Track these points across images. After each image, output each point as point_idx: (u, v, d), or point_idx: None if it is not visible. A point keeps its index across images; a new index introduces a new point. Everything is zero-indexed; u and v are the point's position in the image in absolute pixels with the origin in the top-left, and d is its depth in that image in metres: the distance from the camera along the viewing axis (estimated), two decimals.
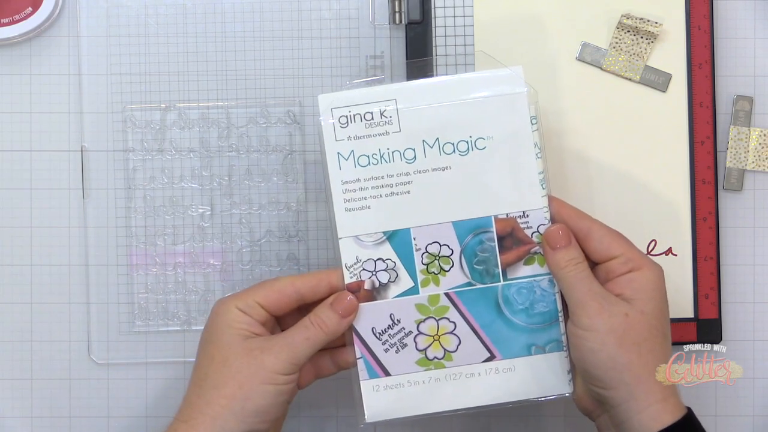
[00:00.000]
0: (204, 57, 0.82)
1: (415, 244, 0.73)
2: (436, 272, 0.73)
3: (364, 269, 0.73)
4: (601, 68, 0.81)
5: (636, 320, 0.69)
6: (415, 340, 0.73)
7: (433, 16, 0.81)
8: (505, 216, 0.72)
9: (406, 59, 0.81)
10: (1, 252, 0.82)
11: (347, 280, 0.72)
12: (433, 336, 0.73)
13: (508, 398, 0.73)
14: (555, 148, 0.80)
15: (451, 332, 0.73)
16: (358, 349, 0.73)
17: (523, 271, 0.73)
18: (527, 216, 0.72)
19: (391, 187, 0.73)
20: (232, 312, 0.70)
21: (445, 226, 0.73)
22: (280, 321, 0.74)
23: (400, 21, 0.81)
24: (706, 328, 0.81)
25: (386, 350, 0.73)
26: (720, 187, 0.82)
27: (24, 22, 0.81)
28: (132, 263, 0.82)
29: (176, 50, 0.82)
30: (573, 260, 0.71)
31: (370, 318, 0.73)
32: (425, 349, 0.73)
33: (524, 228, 0.72)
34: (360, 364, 0.73)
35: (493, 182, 0.72)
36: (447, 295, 0.73)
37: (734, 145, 0.82)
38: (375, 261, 0.72)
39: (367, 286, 0.72)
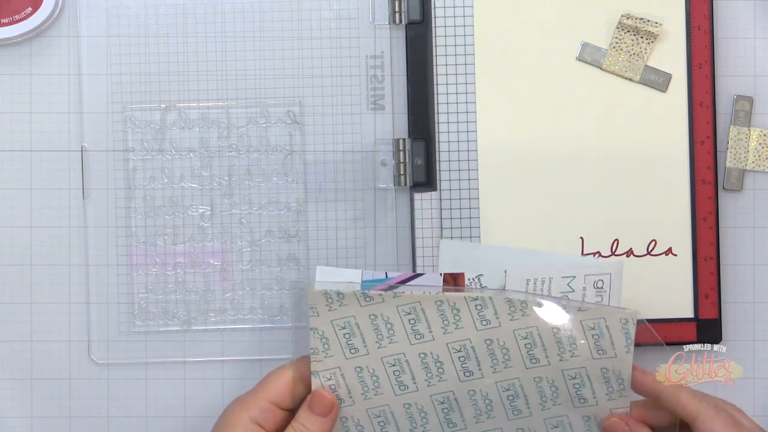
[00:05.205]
0: (204, 57, 0.82)
1: None
2: None
3: None
4: (601, 68, 0.81)
5: None
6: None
7: (433, 16, 0.81)
8: None
9: (406, 59, 0.81)
10: (1, 252, 0.82)
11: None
12: None
13: None
14: (554, 148, 0.80)
15: None
16: None
17: None
18: None
19: None
20: (243, 423, 0.69)
21: None
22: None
23: (400, 21, 0.81)
24: (706, 328, 0.81)
25: None
26: (720, 187, 0.82)
27: (24, 22, 0.81)
28: (132, 263, 0.82)
29: (176, 50, 0.82)
30: None
31: None
32: None
33: None
34: None
35: None
36: None
37: (734, 145, 0.82)
38: None
39: None
